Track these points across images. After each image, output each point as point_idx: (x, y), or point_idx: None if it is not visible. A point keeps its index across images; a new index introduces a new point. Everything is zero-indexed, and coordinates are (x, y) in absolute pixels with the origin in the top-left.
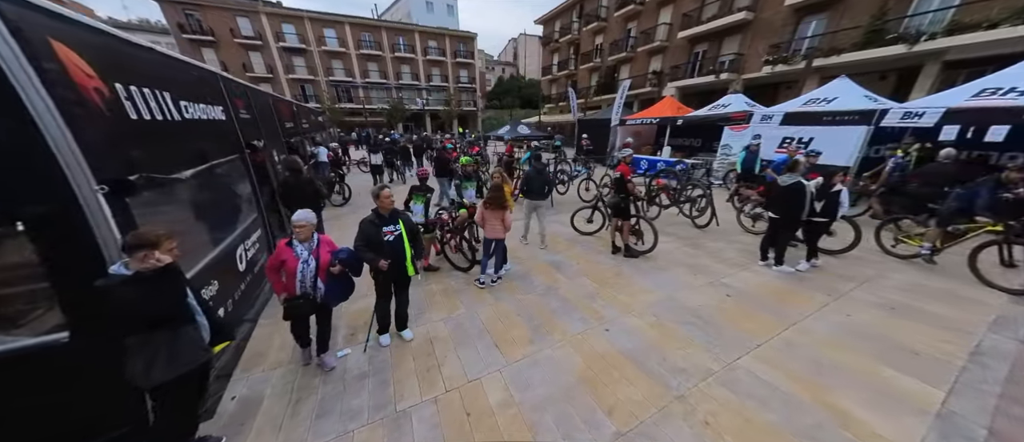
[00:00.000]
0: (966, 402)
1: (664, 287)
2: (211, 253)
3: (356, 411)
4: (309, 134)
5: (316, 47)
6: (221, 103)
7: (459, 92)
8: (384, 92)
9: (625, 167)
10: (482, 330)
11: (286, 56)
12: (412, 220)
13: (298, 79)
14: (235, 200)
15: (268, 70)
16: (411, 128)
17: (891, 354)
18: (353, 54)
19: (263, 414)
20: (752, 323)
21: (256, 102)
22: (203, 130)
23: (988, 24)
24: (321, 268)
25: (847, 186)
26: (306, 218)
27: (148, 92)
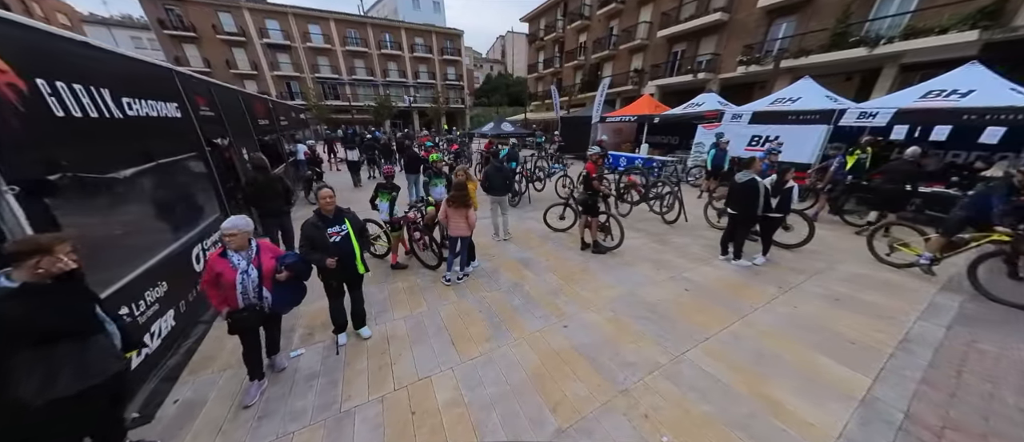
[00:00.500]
0: (889, 388)
1: (626, 282)
2: (160, 253)
3: (300, 412)
4: (288, 131)
5: (301, 43)
6: (176, 100)
7: (447, 89)
8: (371, 89)
9: (592, 165)
10: (441, 328)
11: (271, 53)
12: (358, 218)
13: (283, 76)
14: (192, 199)
15: (252, 67)
16: (399, 125)
17: (829, 344)
18: (339, 51)
19: (204, 417)
20: (705, 316)
21: (222, 99)
22: (151, 127)
23: (939, 29)
24: (265, 276)
25: (809, 182)
26: (236, 225)
27: (80, 88)
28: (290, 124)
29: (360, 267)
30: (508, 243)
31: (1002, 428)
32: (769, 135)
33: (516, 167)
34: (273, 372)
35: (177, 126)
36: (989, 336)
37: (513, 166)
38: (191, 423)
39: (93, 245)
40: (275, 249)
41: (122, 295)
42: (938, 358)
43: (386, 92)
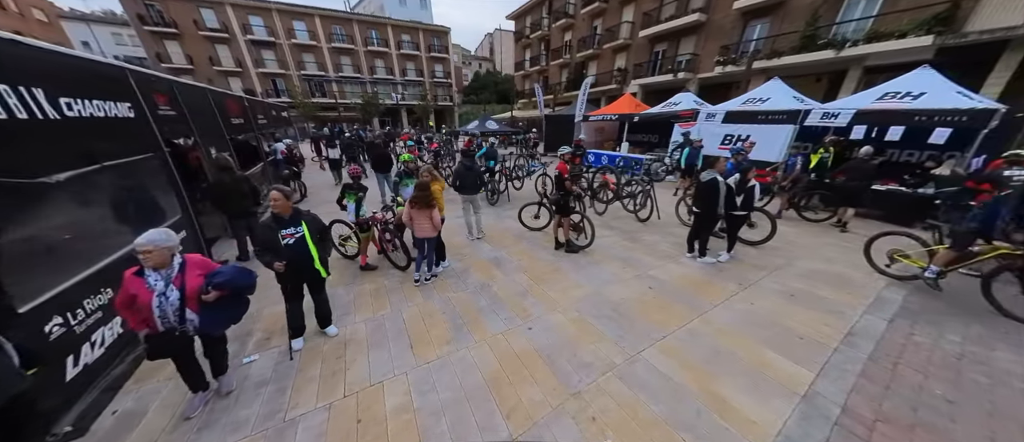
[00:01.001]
0: (829, 382)
1: (594, 281)
2: (105, 259)
3: (242, 422)
4: (267, 130)
5: (285, 40)
6: (128, 99)
7: (435, 87)
8: (358, 86)
9: (564, 165)
10: (402, 331)
11: (255, 49)
12: (319, 220)
13: (268, 73)
14: (147, 201)
15: (237, 64)
16: (387, 123)
17: (779, 339)
18: (325, 48)
19: (142, 429)
20: (665, 314)
21: (187, 98)
22: (96, 128)
23: (899, 34)
24: (189, 297)
25: (771, 180)
26: (152, 241)
27: (5, 89)
28: (269, 122)
29: (321, 271)
30: (482, 242)
31: (928, 418)
32: (741, 134)
33: (495, 165)
34: (219, 395)
35: (130, 127)
36: (926, 329)
37: (491, 164)
38: (127, 436)
39: (18, 253)
40: (206, 264)
41: (54, 304)
42: (878, 351)
43: (373, 89)
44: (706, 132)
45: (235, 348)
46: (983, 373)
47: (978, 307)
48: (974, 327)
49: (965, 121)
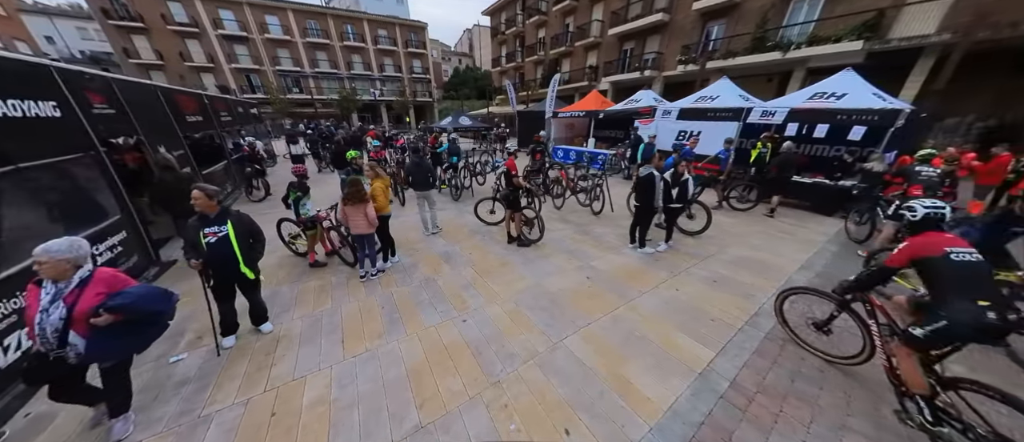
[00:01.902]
0: (725, 360)
1: (538, 274)
2: (20, 263)
3: (155, 420)
4: (233, 127)
5: (258, 35)
6: (54, 97)
7: (414, 83)
8: (336, 82)
9: (512, 161)
10: (337, 326)
11: (227, 44)
12: (249, 222)
13: (242, 69)
14: (77, 202)
15: (209, 59)
16: (367, 119)
17: (694, 323)
18: (299, 42)
19: (52, 431)
20: (595, 303)
21: (130, 95)
22: (11, 128)
23: (835, 38)
24: (76, 317)
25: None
26: (48, 251)
27: None
28: (236, 119)
29: (247, 272)
30: (437, 237)
31: (801, 387)
32: (692, 130)
33: (458, 161)
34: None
35: (54, 126)
36: (822, 306)
37: (454, 160)
38: (37, 437)
39: None
40: (114, 282)
41: None
42: (776, 329)
43: (352, 85)
44: (663, 128)
45: (165, 347)
46: (858, 345)
47: None
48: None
49: (877, 120)
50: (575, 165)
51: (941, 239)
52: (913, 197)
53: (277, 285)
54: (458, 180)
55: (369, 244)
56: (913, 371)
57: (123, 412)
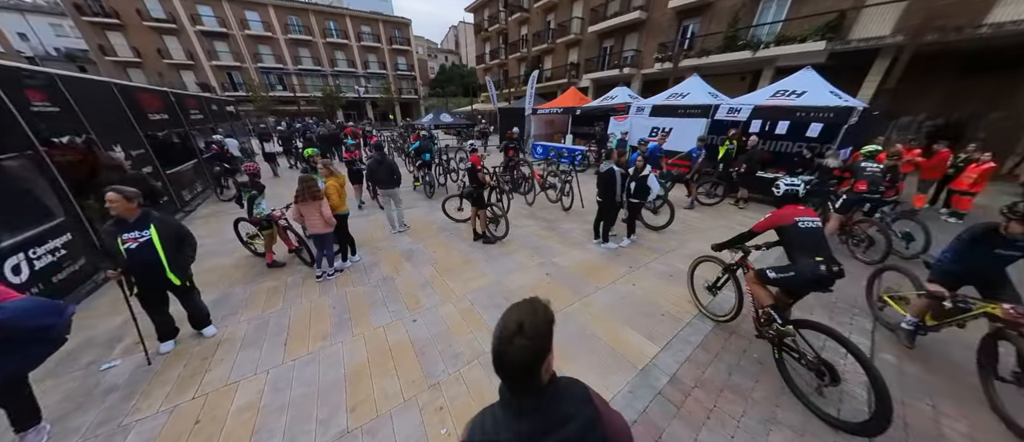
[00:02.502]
0: (669, 355)
1: (499, 271)
2: None
3: (73, 430)
4: (204, 125)
5: (239, 31)
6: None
7: (399, 80)
8: (320, 79)
9: (476, 158)
10: (283, 328)
11: (206, 41)
12: (173, 224)
13: (223, 66)
14: (17, 204)
15: (188, 56)
16: (353, 116)
17: (644, 318)
18: (281, 39)
19: None
20: (551, 299)
21: (79, 92)
22: None
23: (800, 38)
24: None
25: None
26: None
27: None
28: (208, 117)
29: (173, 278)
30: (402, 235)
31: (738, 381)
32: (664, 127)
33: (430, 159)
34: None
35: None
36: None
37: (426, 157)
38: None
39: None
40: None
41: None
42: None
43: (336, 82)
44: (636, 124)
45: (97, 353)
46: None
47: None
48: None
49: (832, 117)
50: (546, 161)
51: (794, 211)
52: (859, 192)
53: (231, 286)
54: (431, 177)
55: (327, 243)
56: (760, 292)
57: (33, 424)
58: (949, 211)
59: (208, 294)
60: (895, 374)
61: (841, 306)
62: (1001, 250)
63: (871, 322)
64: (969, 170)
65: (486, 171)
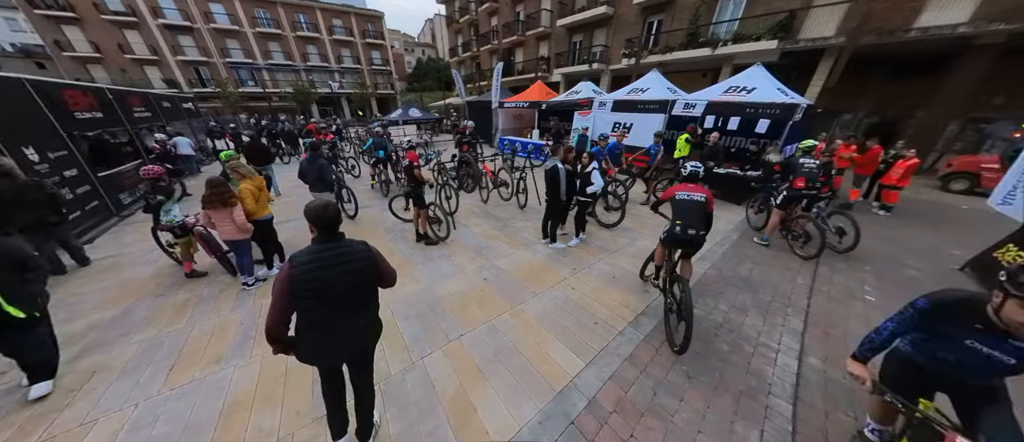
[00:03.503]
0: (593, 371)
1: (433, 276)
2: None
3: None
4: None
5: (204, 25)
6: None
7: (375, 74)
8: (292, 75)
9: (413, 154)
10: (175, 350)
11: (170, 35)
12: (15, 246)
13: (190, 61)
14: None
15: (152, 52)
16: (329, 113)
17: (576, 327)
18: (249, 33)
19: None
20: (479, 310)
21: None
22: None
23: (755, 37)
24: None
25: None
26: None
27: None
28: (157, 115)
29: (11, 310)
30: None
31: (662, 400)
32: (625, 122)
33: (384, 156)
34: None
35: None
36: (709, 302)
37: (380, 154)
38: None
39: None
40: None
41: None
42: (655, 331)
43: (309, 78)
44: (599, 120)
45: None
46: (728, 341)
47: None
48: (743, 295)
49: (778, 113)
50: (502, 156)
51: (682, 187)
52: (798, 189)
53: (139, 300)
54: (387, 175)
55: (244, 251)
56: (658, 250)
57: None
58: (879, 204)
59: (107, 312)
60: None
61: (776, 306)
62: (981, 344)
63: (802, 323)
64: (897, 165)
65: (422, 168)
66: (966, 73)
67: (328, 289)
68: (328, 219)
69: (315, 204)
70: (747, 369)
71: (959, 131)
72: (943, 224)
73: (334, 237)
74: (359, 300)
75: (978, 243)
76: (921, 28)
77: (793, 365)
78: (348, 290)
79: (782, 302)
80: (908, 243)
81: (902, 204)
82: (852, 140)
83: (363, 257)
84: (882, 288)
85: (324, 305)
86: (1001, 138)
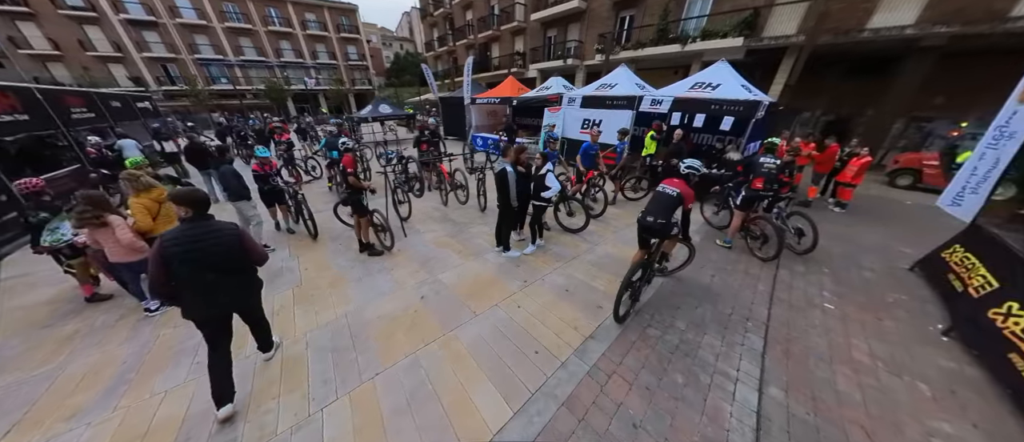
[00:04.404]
0: (519, 424)
1: (367, 294)
2: None
3: None
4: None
5: (169, 20)
6: None
7: (351, 70)
8: (266, 71)
9: (349, 158)
10: (31, 399)
11: (134, 31)
12: None
13: (156, 58)
14: None
15: (115, 48)
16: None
17: (512, 360)
18: (218, 28)
19: None
20: (407, 336)
21: None
22: None
23: (722, 34)
24: None
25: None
26: None
27: None
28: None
29: None
30: (281, 249)
31: None
32: (595, 119)
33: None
34: None
35: None
36: (665, 318)
37: (333, 155)
38: None
39: None
40: None
41: None
42: (606, 356)
43: (284, 74)
44: (569, 117)
45: None
46: (683, 370)
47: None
48: (702, 308)
49: (741, 110)
50: (462, 156)
51: (666, 181)
52: (756, 189)
53: (15, 332)
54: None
55: (132, 275)
56: (638, 255)
57: None
58: (835, 201)
59: None
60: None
61: (736, 319)
62: None
63: (762, 340)
64: (852, 163)
65: (357, 173)
66: (910, 74)
67: (201, 258)
68: (197, 202)
69: (184, 189)
70: (703, 409)
71: (904, 129)
72: (891, 220)
73: (202, 217)
74: (232, 267)
75: (923, 240)
76: (873, 29)
77: (753, 399)
78: (220, 261)
79: (742, 314)
80: (861, 241)
81: (855, 200)
82: (811, 138)
83: (230, 233)
84: (840, 292)
85: (200, 271)
86: (940, 136)
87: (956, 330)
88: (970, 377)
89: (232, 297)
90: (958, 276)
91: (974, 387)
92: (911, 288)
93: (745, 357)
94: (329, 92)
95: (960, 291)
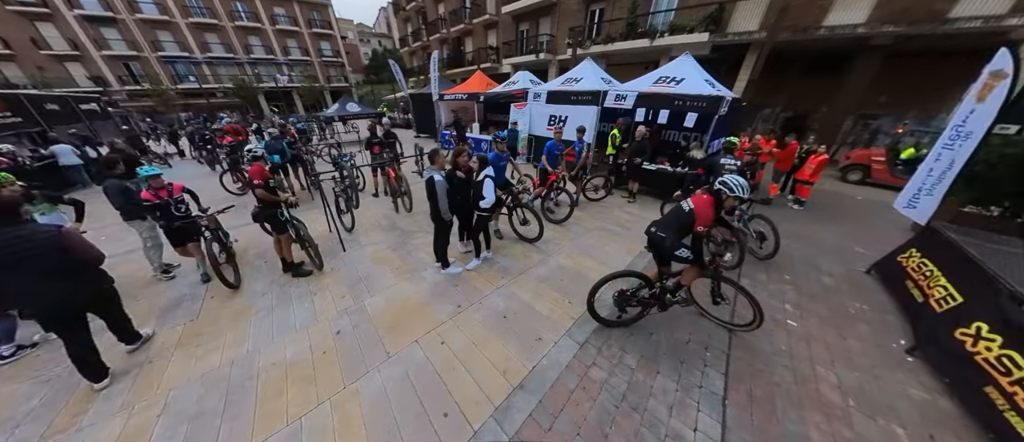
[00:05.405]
0: None
1: (270, 331)
2: None
3: None
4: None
5: (128, 15)
6: None
7: (326, 67)
8: (236, 68)
9: (256, 169)
10: None
11: (91, 27)
12: None
13: (118, 56)
14: None
15: (72, 46)
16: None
17: (409, 431)
18: (182, 23)
19: None
20: (298, 392)
21: None
22: None
23: (689, 29)
24: None
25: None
26: None
27: None
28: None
29: None
30: (182, 277)
31: None
32: (561, 115)
33: (280, 161)
34: None
35: None
36: (614, 352)
37: (276, 160)
38: None
39: None
40: None
41: None
42: (538, 410)
43: (255, 71)
44: (536, 113)
45: None
46: (629, 433)
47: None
48: (657, 336)
49: (705, 106)
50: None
51: (694, 197)
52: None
53: None
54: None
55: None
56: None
57: None
58: (794, 198)
59: None
60: None
61: (693, 350)
62: None
63: (723, 378)
64: (810, 161)
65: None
66: (860, 73)
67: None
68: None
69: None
70: None
71: (852, 126)
72: (845, 218)
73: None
74: (54, 270)
75: (876, 238)
76: (829, 26)
77: None
78: (37, 264)
79: (700, 342)
80: (819, 241)
81: (811, 196)
82: (772, 135)
83: (44, 238)
84: (801, 305)
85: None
86: (886, 133)
87: (920, 349)
88: (945, 412)
89: (64, 297)
90: (916, 284)
91: (950, 427)
92: (869, 294)
93: (704, 404)
94: (303, 89)
95: (920, 301)
